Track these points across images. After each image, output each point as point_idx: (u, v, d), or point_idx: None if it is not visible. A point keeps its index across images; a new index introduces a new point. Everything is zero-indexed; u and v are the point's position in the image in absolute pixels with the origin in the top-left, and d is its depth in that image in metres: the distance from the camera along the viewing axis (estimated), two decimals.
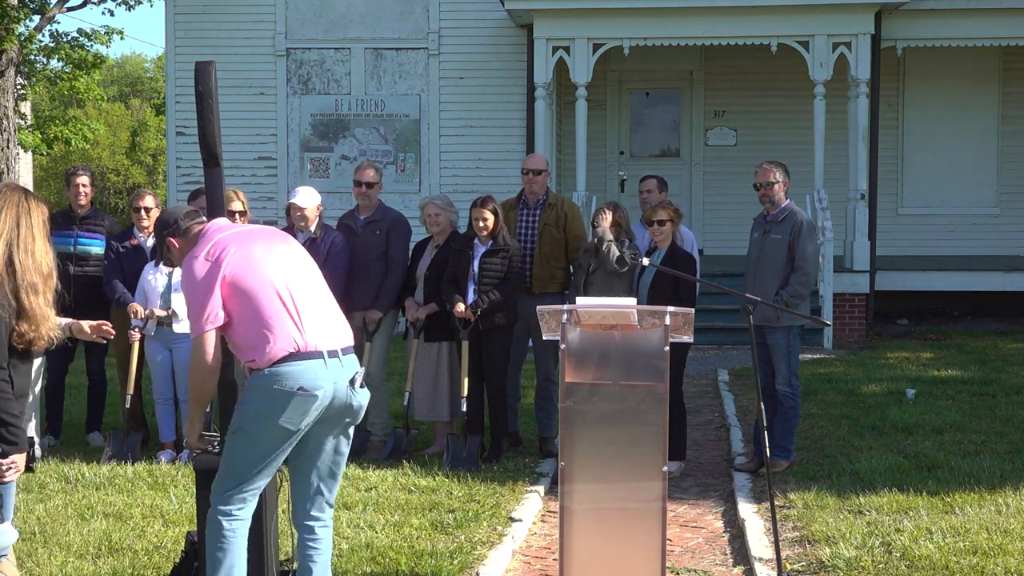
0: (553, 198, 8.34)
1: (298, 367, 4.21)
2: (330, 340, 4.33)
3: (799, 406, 7.64)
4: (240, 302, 4.25)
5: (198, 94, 4.68)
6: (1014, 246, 15.49)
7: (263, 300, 4.25)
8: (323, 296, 4.48)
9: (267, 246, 4.41)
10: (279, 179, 15.30)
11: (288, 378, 4.20)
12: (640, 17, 13.93)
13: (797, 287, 7.38)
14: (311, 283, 4.44)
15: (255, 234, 4.51)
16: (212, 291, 4.24)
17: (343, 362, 4.34)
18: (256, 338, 4.23)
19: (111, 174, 39.53)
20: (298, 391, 4.19)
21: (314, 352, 4.25)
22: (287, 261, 4.41)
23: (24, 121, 19.74)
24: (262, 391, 4.22)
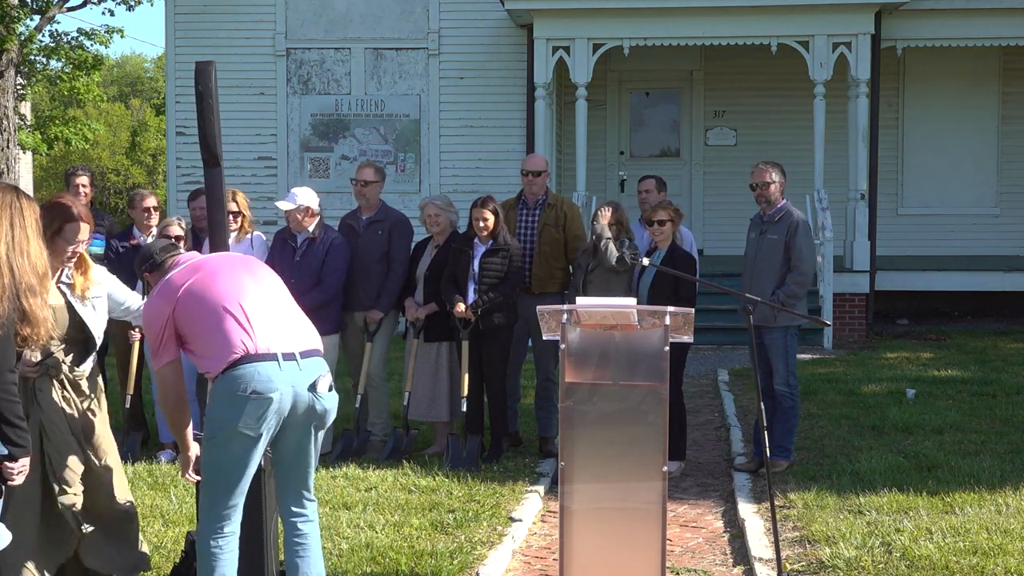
0: (553, 198, 8.34)
1: (249, 369, 4.20)
2: (285, 343, 4.32)
3: (798, 406, 7.64)
4: (192, 325, 4.33)
5: (198, 94, 4.69)
6: (1014, 246, 15.49)
7: (211, 316, 4.29)
8: (282, 306, 4.48)
9: (220, 272, 4.44)
10: (279, 179, 15.30)
11: (240, 381, 4.20)
12: (640, 17, 13.93)
13: (793, 287, 7.40)
14: (267, 295, 4.45)
15: (213, 262, 4.53)
16: (163, 327, 4.34)
17: (302, 365, 4.31)
18: (208, 349, 4.29)
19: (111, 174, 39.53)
20: (251, 394, 4.18)
21: (266, 354, 4.24)
22: (240, 281, 4.43)
23: (24, 121, 19.74)
24: (218, 397, 4.25)
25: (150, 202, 8.25)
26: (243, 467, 4.29)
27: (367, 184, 8.11)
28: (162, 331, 4.35)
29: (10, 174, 18.00)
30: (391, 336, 8.17)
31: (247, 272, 4.52)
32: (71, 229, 4.56)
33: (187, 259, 4.57)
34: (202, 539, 4.35)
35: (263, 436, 4.26)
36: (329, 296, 7.76)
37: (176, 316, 4.33)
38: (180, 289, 4.36)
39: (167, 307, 4.35)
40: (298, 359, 4.30)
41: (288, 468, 4.48)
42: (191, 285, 4.36)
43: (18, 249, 3.91)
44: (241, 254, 4.85)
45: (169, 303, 4.36)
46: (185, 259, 4.57)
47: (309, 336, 4.46)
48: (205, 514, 4.36)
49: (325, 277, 7.76)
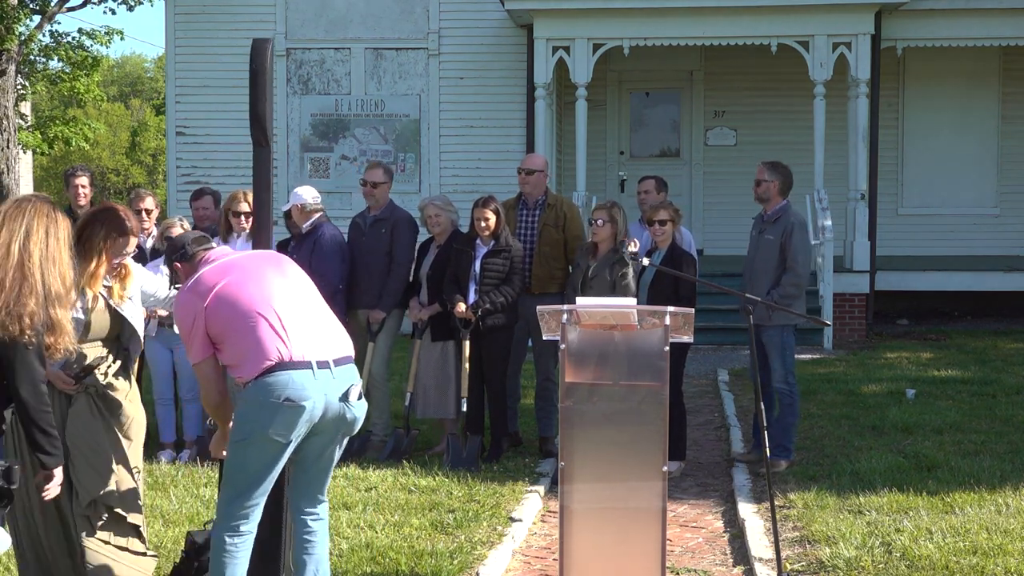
0: (552, 198, 8.34)
1: (283, 377, 4.19)
2: (320, 351, 4.29)
3: (797, 404, 7.67)
4: (224, 327, 4.30)
5: (253, 72, 4.63)
6: (1014, 246, 15.49)
7: (243, 321, 4.26)
8: (315, 311, 4.45)
9: (252, 271, 4.42)
10: (279, 179, 15.27)
11: (274, 388, 4.18)
12: (640, 17, 13.93)
13: (788, 287, 7.47)
14: (300, 299, 4.42)
15: (243, 264, 4.50)
16: (195, 324, 4.33)
17: (335, 373, 4.29)
18: (241, 355, 4.26)
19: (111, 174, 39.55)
20: (284, 402, 4.17)
21: (300, 362, 4.22)
22: (272, 281, 4.40)
23: (24, 121, 19.75)
24: (251, 403, 4.23)
25: (146, 204, 8.16)
26: (268, 471, 4.30)
27: (376, 185, 8.11)
28: (192, 328, 4.34)
29: (10, 174, 18.01)
30: (394, 336, 8.15)
31: (278, 273, 4.47)
32: (122, 243, 4.62)
33: (219, 256, 4.52)
34: (218, 535, 4.35)
35: (292, 443, 4.27)
36: (326, 295, 7.73)
37: (207, 316, 4.31)
38: (212, 290, 4.33)
39: (199, 304, 4.33)
40: (332, 367, 4.28)
41: (308, 471, 4.48)
42: (222, 288, 4.33)
43: (50, 258, 3.97)
44: (273, 252, 4.79)
45: (200, 300, 4.34)
46: (217, 256, 4.52)
47: (342, 342, 4.42)
48: (224, 511, 4.36)
49: (322, 275, 7.72)
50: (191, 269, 4.51)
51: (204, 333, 4.33)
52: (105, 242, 4.61)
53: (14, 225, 3.96)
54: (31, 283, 3.88)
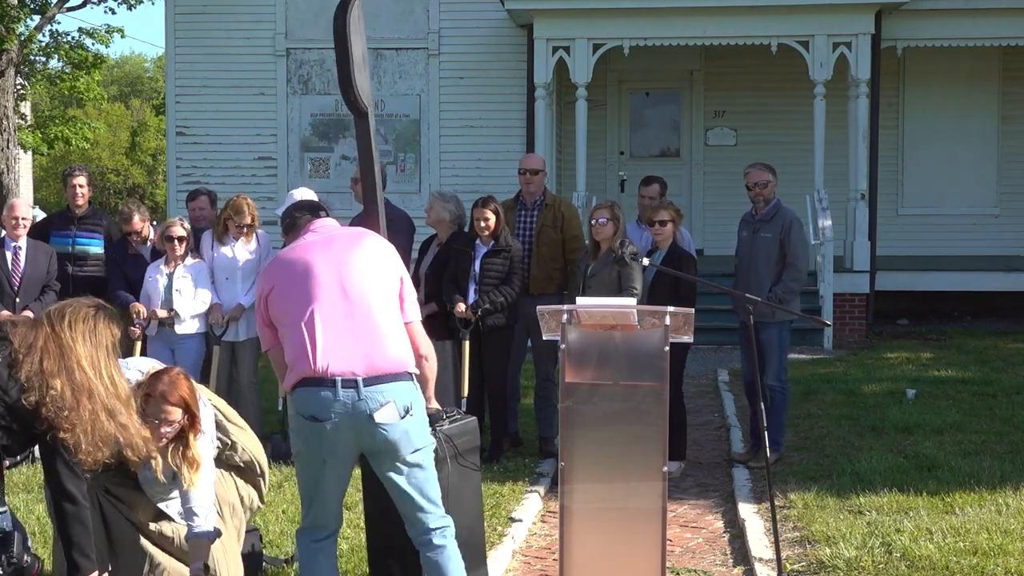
0: (550, 198, 8.34)
1: (307, 393, 4.14)
2: (349, 366, 4.13)
3: (787, 400, 7.76)
4: (279, 325, 4.31)
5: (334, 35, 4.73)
6: (1014, 246, 15.49)
7: (290, 324, 4.23)
8: (363, 319, 4.23)
9: (312, 265, 4.29)
10: (279, 179, 15.30)
11: (299, 404, 4.16)
12: (640, 17, 13.93)
13: (790, 283, 7.53)
14: (348, 306, 4.23)
15: (313, 249, 4.38)
16: (259, 312, 4.39)
17: (362, 393, 4.11)
18: (287, 358, 4.27)
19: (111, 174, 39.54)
20: (308, 419, 4.13)
21: (324, 379, 4.11)
22: (324, 283, 4.25)
23: (24, 121, 19.75)
24: (290, 414, 4.25)
25: (135, 224, 8.24)
26: (319, 482, 4.24)
27: (356, 182, 8.16)
28: (258, 309, 4.38)
29: (10, 174, 18.02)
30: None
31: (339, 271, 4.30)
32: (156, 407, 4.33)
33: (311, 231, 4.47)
34: (299, 538, 4.39)
35: (327, 460, 4.18)
36: None
37: (269, 303, 4.32)
38: (277, 277, 4.33)
39: (265, 287, 4.36)
40: (359, 386, 4.12)
41: (392, 495, 4.33)
42: (284, 279, 4.30)
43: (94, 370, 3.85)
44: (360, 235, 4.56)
45: (267, 283, 4.35)
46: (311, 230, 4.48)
47: (383, 358, 4.20)
48: (304, 519, 4.38)
49: None
50: (293, 240, 4.52)
51: (267, 321, 4.34)
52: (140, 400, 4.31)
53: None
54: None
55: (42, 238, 8.50)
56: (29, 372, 3.75)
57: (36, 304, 8.11)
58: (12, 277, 8.19)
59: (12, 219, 8.30)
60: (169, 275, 7.77)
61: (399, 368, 4.23)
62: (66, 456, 3.72)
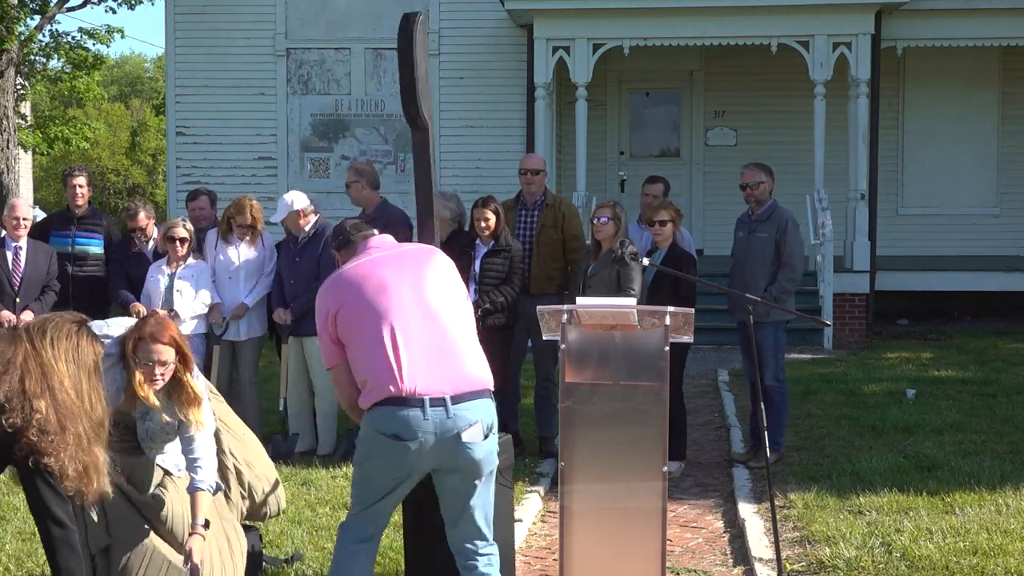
0: (551, 198, 8.34)
1: (391, 412, 4.00)
2: (436, 385, 4.04)
3: (787, 400, 7.76)
4: (350, 342, 4.15)
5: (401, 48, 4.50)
6: (1014, 246, 15.49)
7: (367, 342, 4.09)
8: (445, 335, 4.16)
9: (387, 281, 4.19)
10: (279, 179, 15.30)
11: (382, 422, 4.03)
12: (640, 17, 13.93)
13: (785, 283, 7.55)
14: (429, 323, 4.15)
15: (382, 265, 4.26)
16: (325, 330, 4.21)
17: (451, 412, 4.02)
18: (364, 380, 4.11)
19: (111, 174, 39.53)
20: (391, 438, 4.01)
21: (411, 399, 4.00)
22: (404, 298, 4.15)
23: (24, 121, 19.75)
24: (365, 432, 4.10)
25: (139, 221, 8.28)
26: (383, 496, 4.17)
27: (349, 186, 8.23)
28: (323, 328, 4.21)
29: (10, 174, 18.01)
30: None
31: (418, 284, 4.21)
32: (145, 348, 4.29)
33: (372, 248, 4.35)
34: (341, 534, 4.28)
35: (403, 479, 4.12)
36: None
37: (338, 320, 4.16)
38: (345, 294, 4.18)
39: (332, 305, 4.20)
40: (448, 405, 4.03)
41: (451, 514, 4.24)
42: (355, 296, 4.15)
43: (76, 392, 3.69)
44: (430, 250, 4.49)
45: (335, 302, 4.19)
46: (371, 248, 4.35)
47: (468, 375, 4.13)
48: (349, 515, 4.30)
49: (321, 278, 7.77)
50: (348, 257, 4.38)
51: (335, 338, 4.19)
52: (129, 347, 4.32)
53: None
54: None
55: (42, 238, 8.50)
56: (8, 392, 3.53)
57: (36, 304, 8.12)
58: (12, 277, 8.19)
59: (13, 219, 8.30)
60: (171, 275, 7.78)
61: (481, 386, 4.16)
62: (50, 480, 3.54)
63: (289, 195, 8.02)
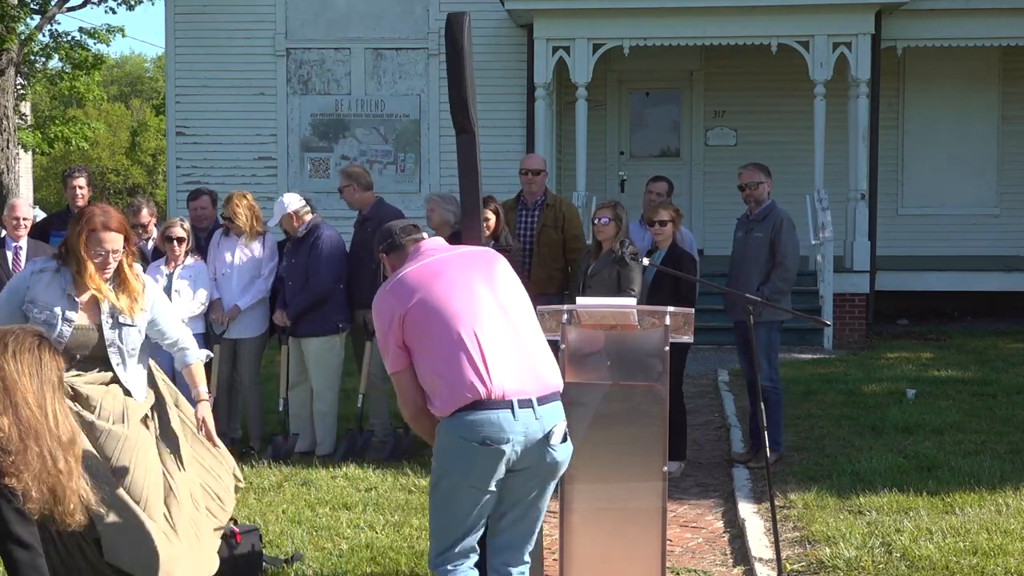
0: (551, 199, 8.34)
1: (481, 416, 3.79)
2: (523, 387, 3.87)
3: (782, 399, 7.77)
4: (420, 341, 3.92)
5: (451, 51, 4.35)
6: (1014, 246, 15.49)
7: (443, 340, 3.88)
8: (523, 335, 4.01)
9: (459, 281, 4.01)
10: (279, 179, 15.30)
11: (470, 429, 3.80)
12: (640, 17, 13.93)
13: (778, 283, 7.55)
14: (507, 321, 3.99)
15: (449, 265, 4.08)
16: (390, 331, 3.96)
17: (538, 413, 3.86)
18: (436, 381, 3.88)
19: (111, 174, 39.55)
20: (483, 444, 3.79)
21: (500, 400, 3.81)
22: (480, 296, 3.99)
23: (24, 121, 19.76)
24: (446, 442, 3.87)
25: (142, 217, 8.26)
26: (471, 514, 3.92)
27: (342, 190, 8.20)
28: (387, 333, 3.97)
29: (10, 174, 18.03)
30: None
31: (488, 284, 4.06)
32: (96, 239, 4.30)
33: (429, 251, 4.15)
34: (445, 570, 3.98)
35: (492, 488, 3.89)
36: (314, 297, 7.79)
37: (405, 324, 3.93)
38: (414, 295, 3.95)
39: (397, 309, 3.95)
40: (535, 406, 3.86)
41: (509, 520, 4.02)
42: (426, 296, 3.94)
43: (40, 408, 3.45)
44: (487, 251, 4.33)
45: (401, 304, 3.96)
46: (427, 250, 4.15)
47: (548, 375, 3.99)
48: (437, 557, 3.99)
49: (310, 278, 7.80)
50: (398, 261, 4.17)
51: (400, 343, 3.95)
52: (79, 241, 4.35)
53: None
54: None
55: (42, 238, 8.49)
56: None
57: None
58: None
59: (13, 219, 8.29)
60: (169, 276, 7.78)
61: (558, 388, 4.03)
62: (12, 500, 3.33)
63: (283, 197, 8.04)
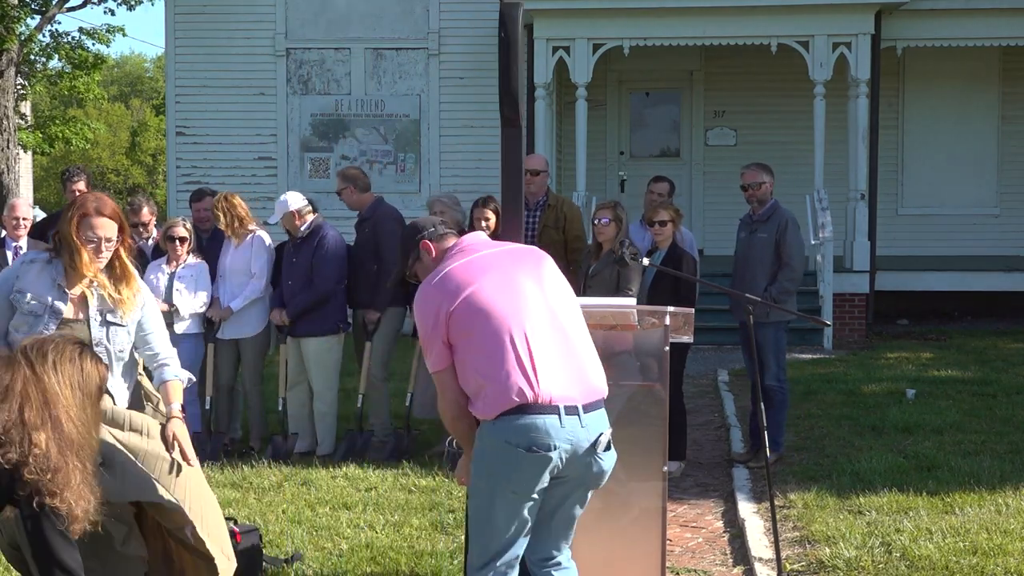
0: (553, 199, 8.34)
1: (527, 422, 3.65)
2: (570, 393, 3.73)
3: (787, 400, 7.77)
4: (466, 340, 3.75)
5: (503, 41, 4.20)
6: (1014, 246, 15.48)
7: (490, 344, 3.71)
8: (571, 337, 3.86)
9: (508, 279, 3.83)
10: (279, 179, 15.30)
11: (516, 433, 3.65)
12: (640, 17, 13.93)
13: (785, 283, 7.56)
14: (556, 323, 3.83)
15: (497, 262, 3.90)
16: (435, 327, 3.77)
17: (584, 421, 3.74)
18: (480, 382, 3.72)
19: (111, 174, 39.56)
20: (529, 450, 3.65)
21: (547, 406, 3.67)
22: (529, 296, 3.81)
23: (24, 121, 19.76)
24: (487, 446, 3.73)
25: (143, 216, 8.25)
26: (514, 522, 3.76)
27: (340, 192, 8.20)
28: (432, 330, 3.78)
29: (10, 174, 18.03)
30: (393, 336, 8.14)
31: (537, 285, 3.88)
32: (88, 224, 4.23)
33: (472, 246, 3.96)
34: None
35: (536, 496, 3.75)
36: (317, 297, 7.80)
37: (451, 321, 3.75)
38: (462, 291, 3.76)
39: (445, 305, 3.77)
40: (581, 413, 3.73)
41: (548, 522, 3.89)
42: (474, 293, 3.76)
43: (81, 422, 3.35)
44: (532, 249, 4.13)
45: (448, 301, 3.76)
46: (470, 245, 3.96)
47: (595, 380, 3.86)
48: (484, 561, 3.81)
49: (314, 278, 7.80)
50: (439, 252, 3.97)
51: (445, 340, 3.76)
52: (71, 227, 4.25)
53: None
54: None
55: (42, 238, 8.47)
56: (7, 423, 3.16)
57: None
58: None
59: (13, 219, 8.29)
60: (170, 275, 7.79)
61: (603, 395, 3.90)
62: (57, 524, 3.19)
63: (285, 196, 8.03)
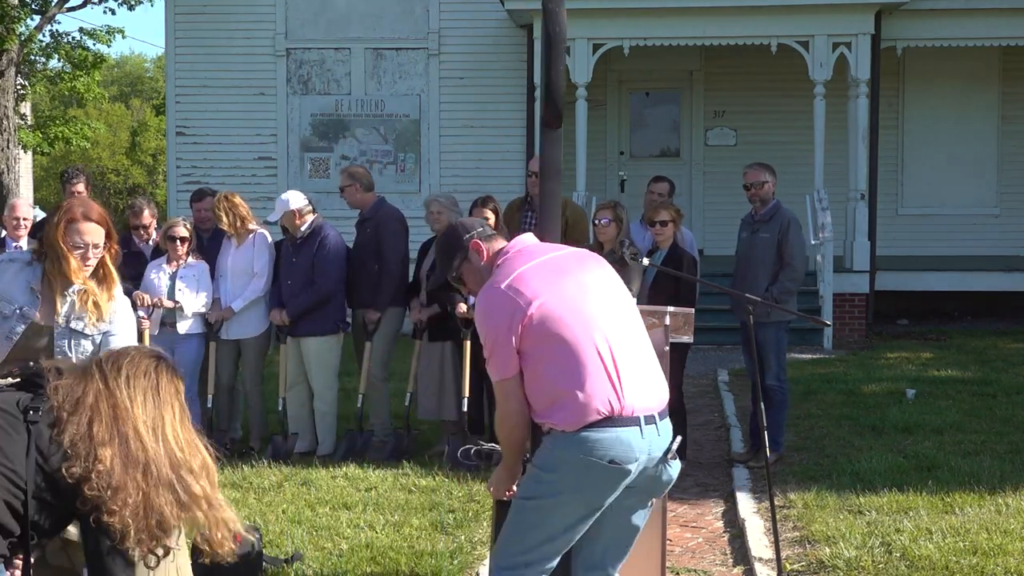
0: None
1: (612, 435, 3.49)
2: (648, 403, 3.59)
3: (788, 400, 7.77)
4: (546, 351, 3.55)
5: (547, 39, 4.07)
6: (1014, 246, 15.49)
7: (577, 352, 3.52)
8: (643, 347, 3.72)
9: (580, 283, 3.65)
10: (279, 179, 15.30)
11: (600, 446, 3.48)
12: (640, 17, 13.93)
13: (786, 283, 7.57)
14: (629, 330, 3.69)
15: (564, 265, 3.70)
16: (509, 332, 3.55)
17: (660, 429, 3.61)
18: (561, 395, 3.52)
19: (111, 174, 39.55)
20: (610, 463, 3.50)
21: (630, 418, 3.52)
22: (605, 303, 3.66)
23: (24, 121, 19.76)
24: (562, 457, 3.53)
25: (144, 219, 8.21)
26: (572, 532, 3.62)
27: (343, 190, 8.19)
28: (505, 335, 3.56)
29: (10, 174, 18.03)
30: (393, 336, 8.14)
31: (607, 290, 3.71)
32: (74, 229, 4.23)
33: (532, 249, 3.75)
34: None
35: (609, 504, 3.61)
36: (319, 297, 7.80)
37: (529, 325, 3.54)
38: (537, 296, 3.55)
39: (520, 309, 3.55)
40: (657, 422, 3.60)
41: (606, 536, 3.75)
42: (552, 299, 3.57)
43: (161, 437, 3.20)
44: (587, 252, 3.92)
45: (524, 303, 3.55)
46: (527, 248, 3.75)
47: (663, 387, 3.72)
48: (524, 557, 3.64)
49: (316, 278, 7.80)
50: (489, 254, 3.78)
51: (518, 346, 3.56)
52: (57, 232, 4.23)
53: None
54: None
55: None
56: (75, 436, 3.08)
57: None
58: None
59: (13, 219, 8.29)
60: (172, 275, 7.79)
61: (667, 402, 3.76)
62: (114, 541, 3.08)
63: (286, 195, 8.02)
